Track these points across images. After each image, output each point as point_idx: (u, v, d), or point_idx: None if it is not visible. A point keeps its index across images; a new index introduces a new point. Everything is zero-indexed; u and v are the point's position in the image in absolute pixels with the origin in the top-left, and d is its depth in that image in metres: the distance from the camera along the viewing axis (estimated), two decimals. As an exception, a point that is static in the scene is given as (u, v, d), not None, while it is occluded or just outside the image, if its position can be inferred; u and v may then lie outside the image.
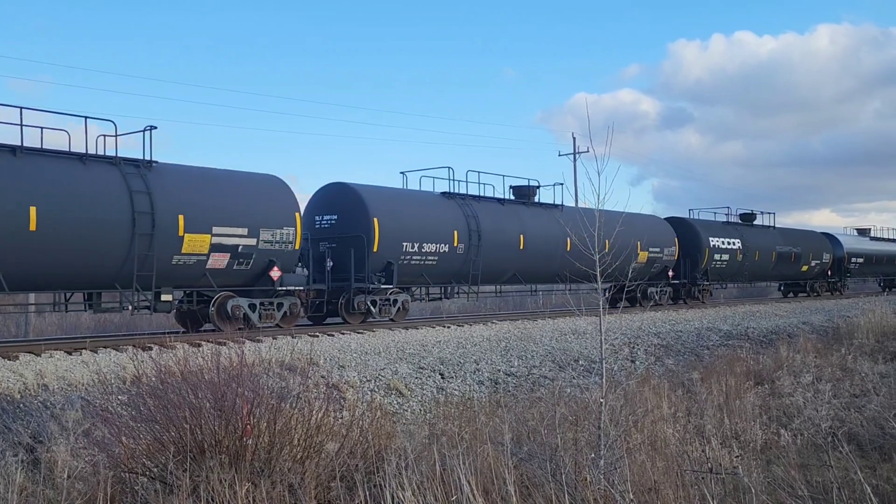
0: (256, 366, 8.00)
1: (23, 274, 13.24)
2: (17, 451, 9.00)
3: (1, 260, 12.79)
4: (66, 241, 13.50)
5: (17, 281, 13.26)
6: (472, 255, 20.68)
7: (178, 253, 14.88)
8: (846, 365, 15.26)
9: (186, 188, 15.40)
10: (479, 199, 22.02)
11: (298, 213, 17.19)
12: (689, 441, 8.78)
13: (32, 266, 13.22)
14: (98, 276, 14.26)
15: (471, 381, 14.51)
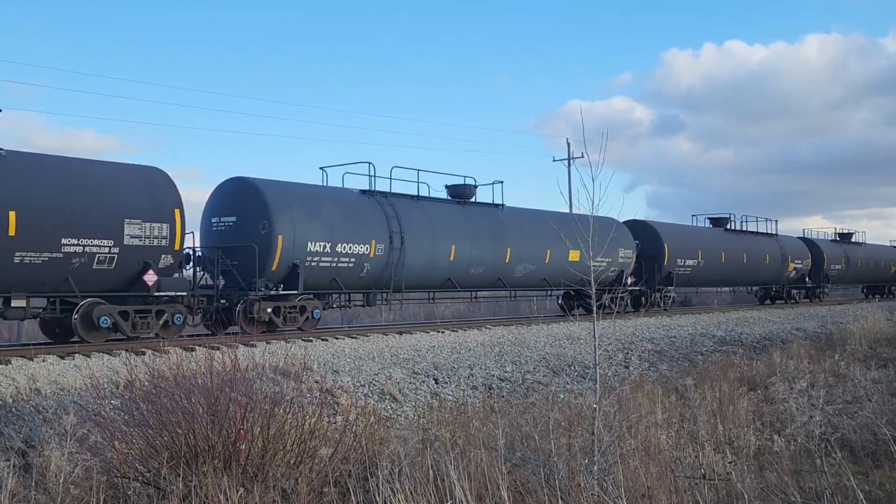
0: (250, 370, 7.99)
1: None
2: (8, 456, 8.96)
3: None
4: None
5: None
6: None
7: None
8: (839, 371, 15.29)
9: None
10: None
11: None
12: (683, 447, 8.79)
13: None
14: None
15: (465, 386, 14.50)
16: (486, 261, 21.55)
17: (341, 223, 18.14)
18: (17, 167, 13.36)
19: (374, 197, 19.57)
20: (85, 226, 13.77)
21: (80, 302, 14.15)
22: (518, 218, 23.32)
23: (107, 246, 14.11)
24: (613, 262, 25.94)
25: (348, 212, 18.56)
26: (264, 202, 16.90)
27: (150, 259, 14.70)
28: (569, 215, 25.43)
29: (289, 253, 16.90)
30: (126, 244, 14.32)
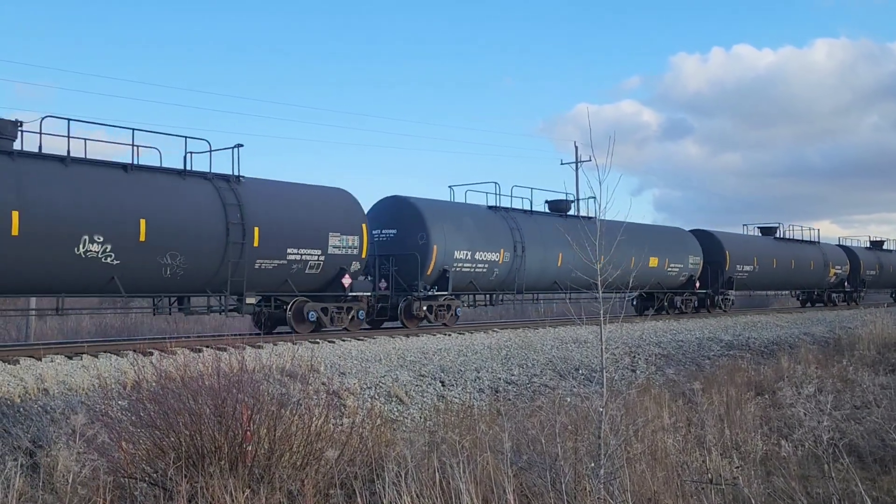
0: (257, 372, 8.00)
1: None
2: (16, 456, 8.99)
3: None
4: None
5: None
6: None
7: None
8: (847, 376, 15.23)
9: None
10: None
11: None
12: (690, 451, 8.77)
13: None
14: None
15: (471, 389, 14.49)
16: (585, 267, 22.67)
17: (477, 235, 21.22)
18: (255, 191, 16.70)
19: (499, 212, 22.82)
20: (302, 238, 17.05)
21: (292, 300, 17.28)
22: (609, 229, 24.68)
23: (316, 254, 17.35)
24: (685, 268, 29.26)
25: (481, 225, 21.70)
26: (421, 217, 19.98)
27: (345, 265, 17.98)
28: (649, 226, 28.94)
29: (441, 260, 19.97)
30: (330, 253, 17.60)
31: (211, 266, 15.50)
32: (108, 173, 14.56)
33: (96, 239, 13.85)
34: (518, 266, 22.14)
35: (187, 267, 15.07)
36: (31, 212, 13.11)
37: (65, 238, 13.54)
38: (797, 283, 38.17)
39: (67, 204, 13.65)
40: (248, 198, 16.18)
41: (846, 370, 15.77)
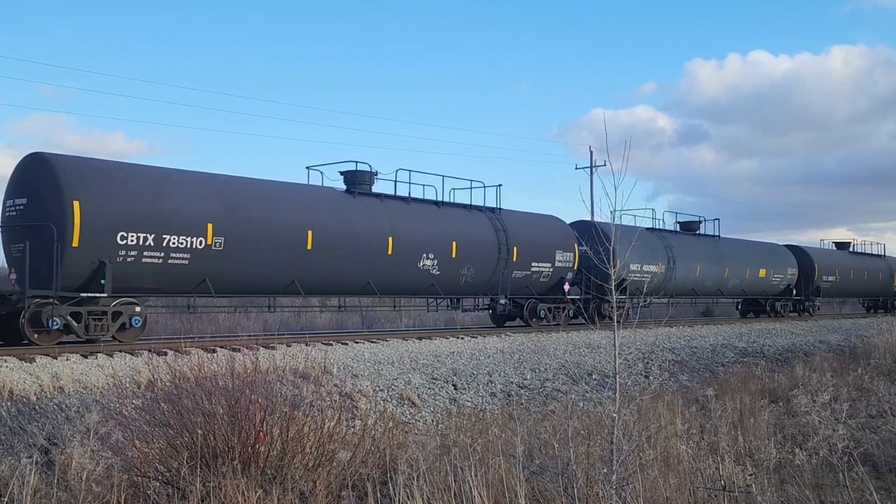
0: (270, 373, 8.02)
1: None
2: (31, 453, 9.06)
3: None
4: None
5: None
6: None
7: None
8: (863, 385, 15.12)
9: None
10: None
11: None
12: (703, 458, 8.73)
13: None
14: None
15: (483, 392, 14.48)
16: (714, 276, 30.66)
17: (644, 251, 26.23)
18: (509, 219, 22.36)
19: (655, 233, 28.53)
20: (540, 254, 22.62)
21: (527, 301, 22.56)
22: (729, 245, 32.61)
23: (547, 266, 22.85)
24: (784, 278, 34.92)
25: (647, 243, 26.84)
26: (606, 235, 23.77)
27: (564, 275, 23.46)
28: (758, 243, 35.99)
29: (622, 272, 23.62)
30: (556, 265, 23.12)
31: (488, 275, 21.16)
32: (430, 209, 20.19)
33: (429, 256, 19.29)
34: (670, 276, 27.74)
35: (475, 276, 20.75)
36: (398, 237, 18.70)
37: (413, 256, 19.03)
38: (867, 291, 43.72)
39: (412, 231, 19.14)
40: (507, 224, 21.82)
41: (861, 378, 15.65)
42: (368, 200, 18.73)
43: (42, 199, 13.77)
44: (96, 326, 13.97)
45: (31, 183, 13.99)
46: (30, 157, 14.37)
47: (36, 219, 13.65)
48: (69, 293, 13.60)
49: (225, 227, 15.36)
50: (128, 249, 14.05)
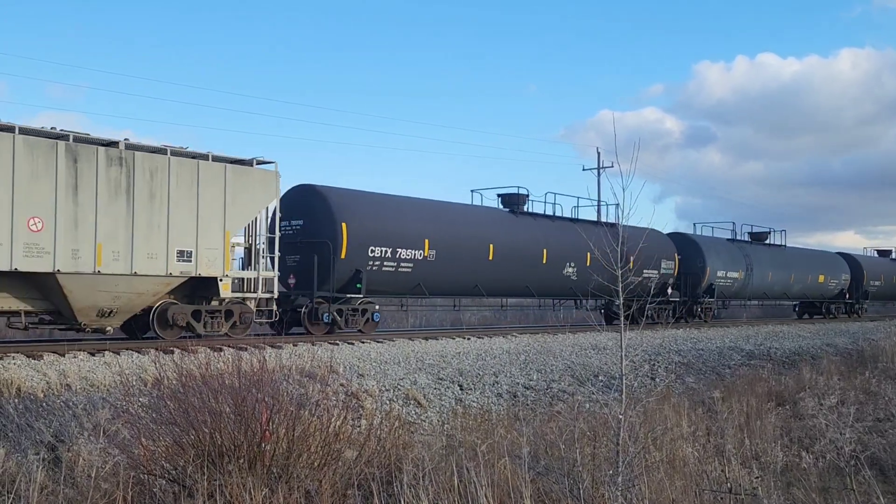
0: (276, 372, 8.04)
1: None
2: (38, 450, 9.10)
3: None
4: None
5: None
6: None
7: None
8: (870, 388, 15.07)
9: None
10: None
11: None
12: (709, 461, 8.71)
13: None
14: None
15: (489, 393, 14.47)
16: (782, 282, 34.89)
17: (729, 259, 31.03)
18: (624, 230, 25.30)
19: (736, 243, 33.16)
20: (650, 263, 25.97)
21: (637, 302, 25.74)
22: (793, 253, 37.28)
23: (655, 273, 26.61)
24: (839, 283, 39.15)
25: (731, 252, 31.69)
26: (702, 252, 29.52)
27: (667, 280, 27.75)
28: (817, 251, 41.21)
29: (711, 278, 29.70)
30: (661, 272, 27.22)
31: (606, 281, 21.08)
32: (568, 225, 24.13)
33: (570, 265, 23.38)
34: (748, 281, 31.96)
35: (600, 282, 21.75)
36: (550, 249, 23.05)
37: (560, 264, 23.36)
38: None
39: (558, 244, 23.21)
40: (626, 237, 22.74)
41: (869, 382, 15.60)
42: (526, 219, 23.49)
43: (317, 222, 17.77)
44: (352, 320, 18.13)
45: (307, 208, 17.92)
46: (302, 187, 18.31)
47: (314, 237, 17.66)
48: (337, 294, 17.78)
49: (436, 242, 19.72)
50: (374, 260, 18.24)
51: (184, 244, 14.65)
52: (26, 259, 12.70)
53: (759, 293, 33.53)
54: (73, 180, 13.28)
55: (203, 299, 15.39)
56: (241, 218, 15.78)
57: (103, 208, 13.60)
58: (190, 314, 14.99)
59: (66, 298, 13.34)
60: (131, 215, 13.87)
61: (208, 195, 14.98)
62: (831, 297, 39.20)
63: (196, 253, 14.79)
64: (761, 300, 35.33)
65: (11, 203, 12.51)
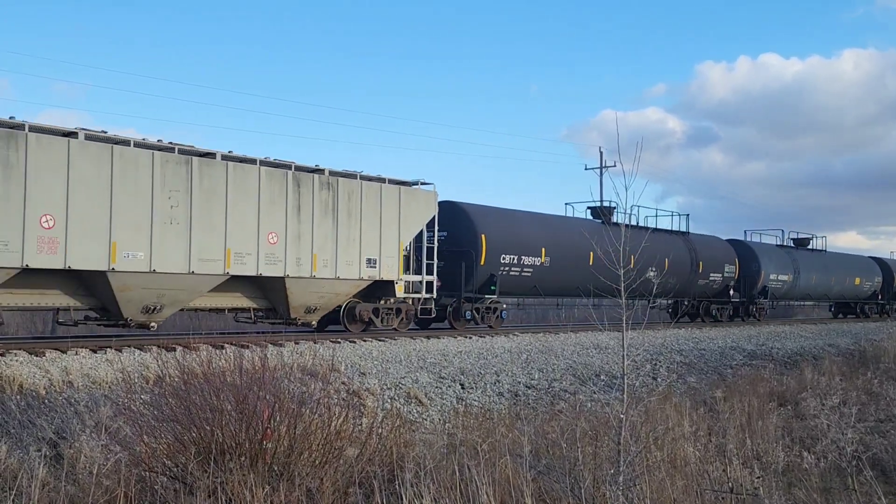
0: (278, 370, 8.04)
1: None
2: (40, 447, 9.10)
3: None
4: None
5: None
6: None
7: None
8: (872, 389, 15.05)
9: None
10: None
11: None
12: (710, 460, 8.70)
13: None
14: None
15: (491, 392, 14.47)
16: (824, 284, 38.36)
17: (779, 263, 34.70)
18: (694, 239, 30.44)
19: (784, 248, 37.06)
20: (715, 267, 30.43)
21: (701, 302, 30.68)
22: (833, 257, 40.75)
23: (719, 276, 30.77)
24: (873, 285, 42.84)
25: (781, 256, 35.42)
26: (757, 257, 33.13)
27: (729, 283, 31.55)
28: (853, 256, 45.19)
29: (765, 281, 33.31)
30: (724, 275, 31.08)
31: (684, 283, 28.70)
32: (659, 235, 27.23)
33: (652, 269, 24.51)
34: (796, 283, 35.52)
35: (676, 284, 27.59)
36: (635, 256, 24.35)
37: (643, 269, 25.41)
38: None
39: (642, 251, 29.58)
40: (694, 244, 29.66)
41: (871, 383, 15.58)
42: (614, 229, 25.33)
43: (460, 233, 20.82)
44: (485, 317, 21.31)
45: (451, 221, 20.60)
46: (447, 203, 20.94)
47: (458, 246, 20.60)
48: (476, 295, 21.01)
49: (550, 250, 23.02)
50: (504, 266, 21.50)
51: (371, 253, 17.93)
52: (266, 266, 15.82)
53: (804, 294, 37.44)
54: (297, 202, 16.41)
55: (379, 299, 18.54)
56: (410, 231, 19.02)
57: (317, 225, 16.82)
58: (371, 311, 18.29)
59: (286, 298, 16.39)
60: (335, 230, 17.13)
61: (387, 212, 18.26)
62: (864, 298, 42.71)
63: (379, 260, 18.11)
64: (805, 301, 39.93)
65: (258, 221, 15.67)
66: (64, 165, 13.16)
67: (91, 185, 13.44)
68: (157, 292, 14.45)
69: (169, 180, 14.37)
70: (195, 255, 14.69)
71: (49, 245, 12.97)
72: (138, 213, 13.99)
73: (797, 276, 35.36)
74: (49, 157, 13.00)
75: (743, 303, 32.63)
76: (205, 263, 14.86)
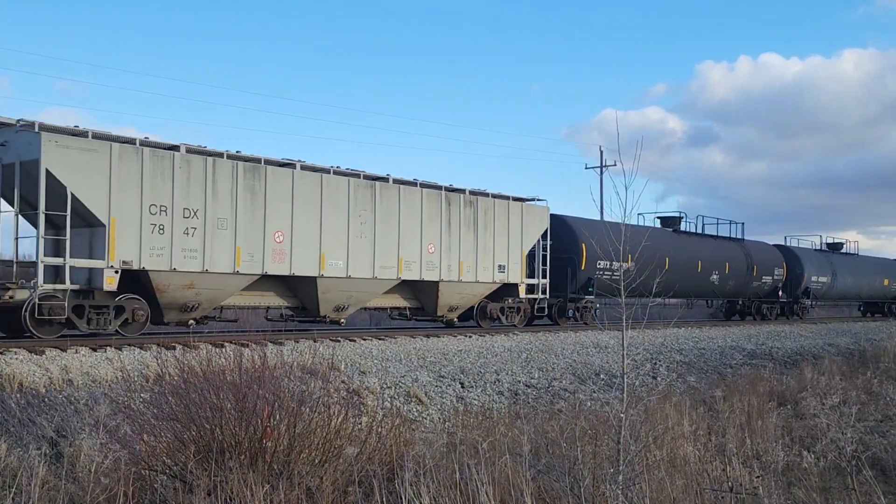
0: (278, 368, 8.03)
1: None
2: (40, 445, 9.10)
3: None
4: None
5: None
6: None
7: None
8: (871, 388, 15.05)
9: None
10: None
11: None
12: (710, 460, 8.70)
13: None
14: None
15: (491, 391, 14.46)
16: (857, 285, 42.15)
17: (819, 266, 38.20)
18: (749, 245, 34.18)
19: (823, 253, 40.61)
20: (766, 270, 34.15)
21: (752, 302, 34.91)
22: (864, 261, 44.34)
23: (770, 279, 34.54)
24: None
25: (820, 260, 39.02)
26: (801, 261, 36.57)
27: (778, 284, 35.10)
28: (881, 259, 48.71)
29: (808, 282, 36.78)
30: (774, 278, 34.86)
31: (740, 285, 32.65)
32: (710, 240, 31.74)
33: (715, 273, 30.28)
34: (833, 284, 38.86)
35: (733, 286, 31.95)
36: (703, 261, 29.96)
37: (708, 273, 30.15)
38: None
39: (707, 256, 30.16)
40: (749, 250, 33.25)
41: (870, 382, 15.58)
42: (683, 237, 30.63)
43: (564, 243, 23.84)
44: (583, 315, 24.69)
45: (556, 231, 23.49)
46: (554, 216, 23.72)
47: (562, 253, 23.64)
48: (576, 295, 24.41)
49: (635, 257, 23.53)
50: (599, 270, 24.40)
51: (501, 260, 21.29)
52: (426, 272, 19.39)
53: (840, 294, 41.26)
54: (448, 218, 19.99)
55: (503, 299, 21.73)
56: (529, 241, 22.43)
57: (462, 237, 20.19)
58: (499, 309, 21.53)
59: (437, 298, 19.84)
60: (475, 241, 20.56)
61: (513, 225, 21.73)
62: (891, 298, 46.27)
63: (507, 266, 21.48)
64: (838, 301, 44.01)
65: (420, 235, 19.21)
66: (289, 191, 16.55)
67: (307, 207, 16.86)
68: (348, 294, 17.93)
69: (359, 201, 17.94)
70: (377, 263, 18.30)
71: (279, 256, 16.38)
72: (339, 228, 17.47)
73: (834, 277, 38.95)
74: (280, 185, 16.42)
75: (788, 302, 36.28)
76: (384, 270, 18.46)
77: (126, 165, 14.31)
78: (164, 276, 14.76)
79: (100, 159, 14.03)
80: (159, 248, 14.64)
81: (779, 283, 34.95)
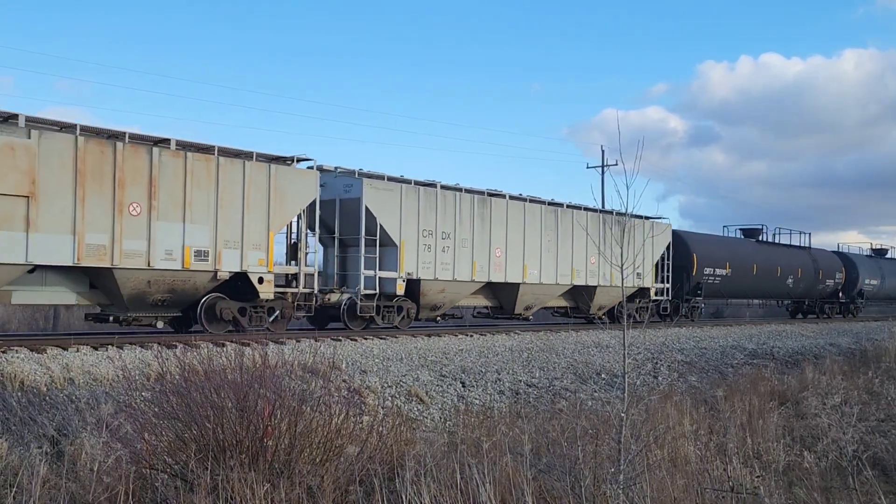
0: (279, 367, 8.03)
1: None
2: (41, 444, 9.10)
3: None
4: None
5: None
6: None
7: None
8: (873, 388, 15.04)
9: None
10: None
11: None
12: (711, 459, 8.69)
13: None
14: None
15: (492, 390, 14.46)
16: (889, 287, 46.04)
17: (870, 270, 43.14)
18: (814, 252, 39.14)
19: (873, 258, 44.48)
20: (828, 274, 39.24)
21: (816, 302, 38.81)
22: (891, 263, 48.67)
23: (832, 281, 39.46)
24: None
25: (871, 264, 43.79)
26: (856, 265, 41.27)
27: (837, 287, 39.78)
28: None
29: (861, 284, 41.57)
30: (835, 280, 39.38)
31: (809, 287, 37.44)
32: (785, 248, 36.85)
33: (789, 278, 35.27)
34: (882, 285, 43.41)
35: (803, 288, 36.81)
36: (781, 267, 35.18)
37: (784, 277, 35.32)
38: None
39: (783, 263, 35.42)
40: (815, 256, 37.78)
41: (872, 382, 15.57)
42: (764, 245, 35.90)
43: (680, 253, 28.67)
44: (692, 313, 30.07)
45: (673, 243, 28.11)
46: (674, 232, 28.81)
47: (678, 261, 28.50)
48: (687, 297, 29.69)
49: (732, 264, 31.48)
50: (705, 276, 29.93)
51: (639, 269, 25.13)
52: (589, 278, 24.30)
53: (886, 295, 46.30)
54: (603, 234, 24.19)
55: (637, 300, 26.18)
56: (658, 252, 27.18)
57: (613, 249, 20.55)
58: (634, 309, 25.77)
59: (592, 299, 24.78)
60: (556, 247, 23.37)
61: (647, 239, 25.60)
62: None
63: (643, 273, 25.84)
64: (885, 301, 48.31)
65: (586, 249, 24.04)
66: (504, 216, 21.69)
67: (514, 229, 21.95)
68: (535, 297, 22.98)
69: (546, 223, 23.00)
70: (559, 273, 23.34)
71: (498, 267, 21.51)
72: (534, 245, 22.50)
73: (883, 280, 44.21)
74: (498, 211, 21.52)
75: (846, 302, 40.87)
76: (562, 277, 23.49)
77: (409, 201, 19.31)
78: (429, 283, 19.76)
79: (394, 196, 18.98)
80: (427, 262, 19.69)
81: (839, 286, 39.75)
